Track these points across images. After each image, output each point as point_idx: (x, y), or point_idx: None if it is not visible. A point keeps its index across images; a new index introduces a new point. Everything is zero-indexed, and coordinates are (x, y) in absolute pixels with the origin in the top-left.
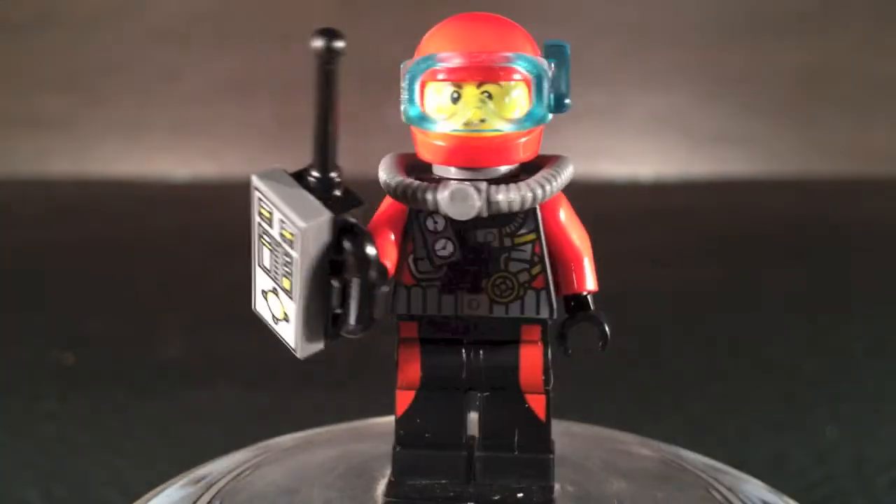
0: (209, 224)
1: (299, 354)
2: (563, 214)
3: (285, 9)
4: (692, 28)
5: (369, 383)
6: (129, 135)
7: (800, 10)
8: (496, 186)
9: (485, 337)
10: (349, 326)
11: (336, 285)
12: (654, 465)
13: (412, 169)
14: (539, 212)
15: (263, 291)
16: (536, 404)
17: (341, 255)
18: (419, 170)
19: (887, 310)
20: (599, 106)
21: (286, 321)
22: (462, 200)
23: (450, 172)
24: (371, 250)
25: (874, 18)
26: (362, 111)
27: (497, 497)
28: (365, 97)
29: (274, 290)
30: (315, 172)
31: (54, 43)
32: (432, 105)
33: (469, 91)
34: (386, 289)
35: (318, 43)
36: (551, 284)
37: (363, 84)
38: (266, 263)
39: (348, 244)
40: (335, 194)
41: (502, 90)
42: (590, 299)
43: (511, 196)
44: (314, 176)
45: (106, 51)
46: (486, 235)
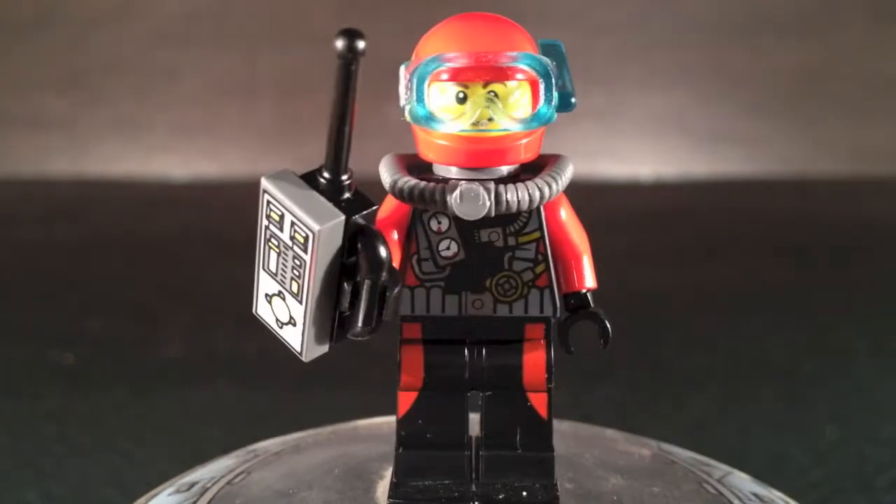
0: (209, 224)
1: (304, 357)
2: (564, 213)
3: (285, 9)
4: (692, 28)
5: (369, 383)
6: (129, 135)
7: (800, 10)
8: (503, 186)
9: (488, 337)
10: (356, 329)
11: (347, 288)
12: (647, 462)
13: (412, 169)
14: (542, 210)
15: (267, 295)
16: (538, 403)
17: (352, 258)
18: (419, 170)
19: (887, 310)
20: (599, 106)
21: (292, 325)
22: (473, 200)
23: (451, 172)
24: (384, 252)
25: (874, 18)
26: (362, 111)
27: (501, 496)
28: (365, 97)
29: (279, 294)
30: (326, 174)
31: (54, 43)
32: (437, 105)
33: (475, 91)
34: (397, 291)
35: (340, 43)
36: (555, 282)
37: (363, 84)
38: (272, 267)
39: (361, 246)
40: (346, 196)
41: (507, 90)
42: (590, 297)
43: (519, 195)
44: (325, 178)
45: (106, 51)
46: (491, 235)
